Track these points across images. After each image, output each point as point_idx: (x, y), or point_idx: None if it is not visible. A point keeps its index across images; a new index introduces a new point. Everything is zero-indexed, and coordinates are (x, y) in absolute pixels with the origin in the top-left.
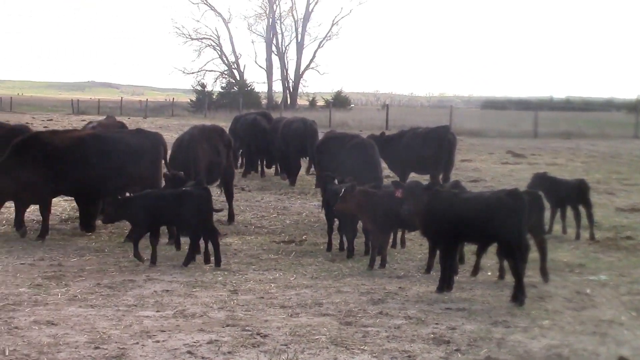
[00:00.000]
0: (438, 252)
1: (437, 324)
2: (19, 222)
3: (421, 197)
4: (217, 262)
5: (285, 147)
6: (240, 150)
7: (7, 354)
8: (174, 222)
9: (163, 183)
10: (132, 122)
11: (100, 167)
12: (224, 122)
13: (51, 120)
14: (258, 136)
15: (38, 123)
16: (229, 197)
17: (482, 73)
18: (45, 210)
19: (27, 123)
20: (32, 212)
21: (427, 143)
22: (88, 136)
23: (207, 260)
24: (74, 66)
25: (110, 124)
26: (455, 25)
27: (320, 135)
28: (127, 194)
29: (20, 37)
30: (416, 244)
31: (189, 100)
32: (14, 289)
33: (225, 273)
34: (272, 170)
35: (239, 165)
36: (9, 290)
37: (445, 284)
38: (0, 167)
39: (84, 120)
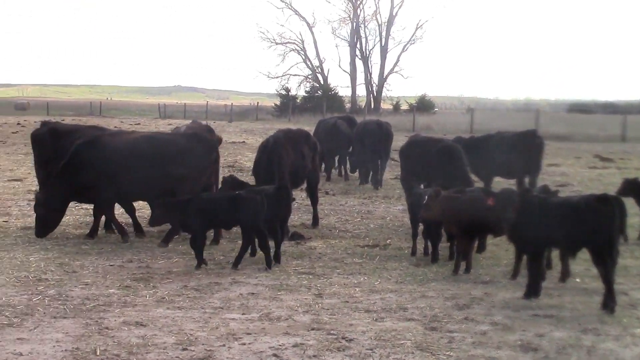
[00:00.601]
0: (525, 258)
1: (524, 330)
2: (114, 225)
3: (515, 204)
4: (268, 264)
5: (361, 148)
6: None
7: (98, 353)
8: (225, 225)
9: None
10: (217, 127)
11: (151, 169)
12: (308, 126)
13: (139, 124)
14: (338, 140)
15: (126, 127)
16: (314, 201)
17: (568, 76)
18: (101, 212)
19: (115, 127)
20: (120, 214)
21: (514, 147)
22: (142, 138)
23: (253, 254)
24: (161, 71)
25: (197, 128)
26: (542, 28)
27: (403, 139)
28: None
29: (111, 43)
30: (502, 249)
31: (273, 105)
32: (104, 290)
33: (310, 277)
34: (357, 173)
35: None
36: (99, 291)
37: (533, 290)
38: (62, 169)
39: (170, 125)
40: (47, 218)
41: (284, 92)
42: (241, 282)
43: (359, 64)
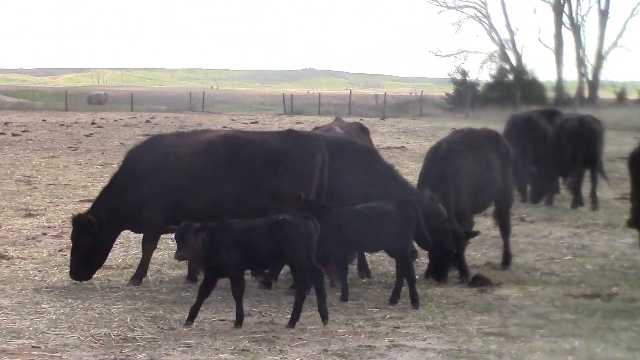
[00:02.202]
0: None
1: None
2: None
3: None
4: (323, 316)
5: (559, 153)
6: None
7: None
8: (265, 263)
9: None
10: (367, 125)
11: (233, 182)
12: (495, 125)
13: (256, 122)
14: (534, 141)
15: (238, 127)
16: (505, 231)
17: None
18: (149, 243)
19: (225, 127)
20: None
21: None
22: (218, 139)
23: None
24: (285, 49)
25: (346, 127)
26: None
27: (633, 142)
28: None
29: (214, 14)
30: None
31: (443, 94)
32: (212, 354)
33: (501, 339)
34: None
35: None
36: (205, 356)
37: None
38: (111, 185)
39: (299, 123)
40: (90, 252)
41: (459, 77)
42: (403, 345)
43: (568, 36)
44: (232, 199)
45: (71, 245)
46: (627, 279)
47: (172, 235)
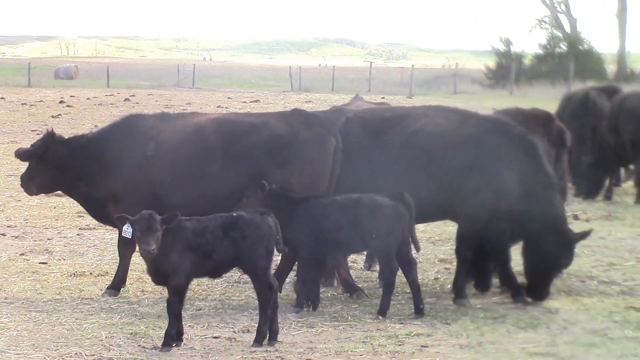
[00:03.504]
0: None
1: None
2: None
3: None
4: (381, 311)
5: (616, 137)
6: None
7: None
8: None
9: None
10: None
11: (227, 176)
12: (546, 104)
13: (257, 101)
14: (592, 124)
15: (237, 106)
16: None
17: None
18: (126, 246)
19: (219, 108)
20: None
21: None
22: (209, 122)
23: None
24: (291, 17)
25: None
26: None
27: None
28: None
29: None
30: None
31: (482, 67)
32: None
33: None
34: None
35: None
36: None
37: None
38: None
39: (309, 102)
40: None
41: (502, 48)
42: None
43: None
44: (227, 195)
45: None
46: None
47: (126, 227)
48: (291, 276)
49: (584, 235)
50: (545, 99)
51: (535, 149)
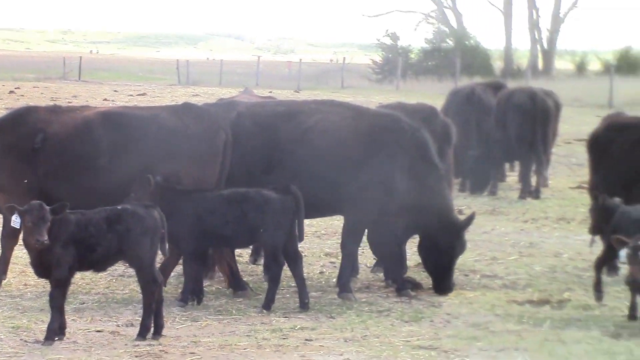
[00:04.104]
0: None
1: None
2: None
3: None
4: (266, 305)
5: (502, 132)
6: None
7: None
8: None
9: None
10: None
11: (116, 169)
12: (432, 99)
13: (144, 94)
14: (477, 120)
15: (123, 99)
16: None
17: None
18: (8, 238)
19: (105, 101)
20: None
21: None
22: (97, 117)
23: None
24: (181, 10)
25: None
26: None
27: (594, 121)
28: None
29: None
30: None
31: (370, 62)
32: None
33: (432, 353)
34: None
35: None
36: None
37: None
38: None
39: (197, 96)
40: None
41: (388, 42)
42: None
43: None
44: (115, 189)
45: None
46: (581, 282)
47: (15, 217)
48: (177, 270)
49: (470, 219)
50: (432, 94)
51: (426, 144)
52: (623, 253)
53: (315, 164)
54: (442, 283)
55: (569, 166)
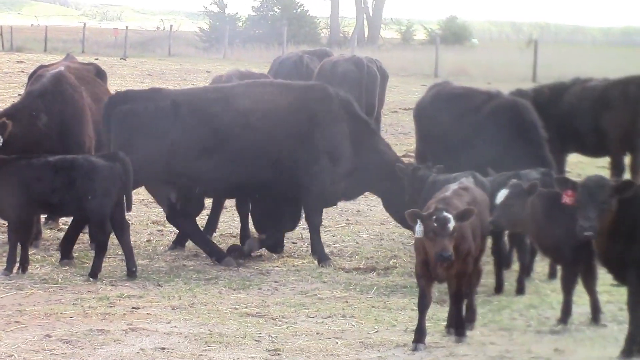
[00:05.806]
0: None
1: None
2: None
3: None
4: (92, 273)
5: None
6: None
7: None
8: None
9: None
10: (103, 66)
11: None
12: (258, 67)
13: None
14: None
15: None
16: None
17: None
18: None
19: None
20: None
21: (605, 105)
22: None
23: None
24: None
25: (77, 68)
26: None
27: (420, 90)
28: None
29: None
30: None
31: (197, 30)
32: None
33: (260, 321)
34: None
35: None
36: None
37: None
38: None
39: (21, 62)
40: None
41: (216, 10)
42: (142, 329)
43: None
44: None
45: None
46: (407, 250)
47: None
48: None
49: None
50: (260, 62)
51: (351, 104)
52: (419, 228)
53: (264, 145)
54: None
55: (395, 135)
